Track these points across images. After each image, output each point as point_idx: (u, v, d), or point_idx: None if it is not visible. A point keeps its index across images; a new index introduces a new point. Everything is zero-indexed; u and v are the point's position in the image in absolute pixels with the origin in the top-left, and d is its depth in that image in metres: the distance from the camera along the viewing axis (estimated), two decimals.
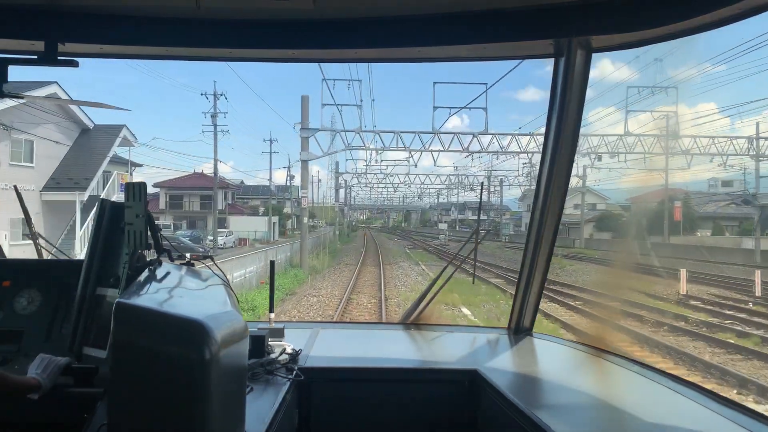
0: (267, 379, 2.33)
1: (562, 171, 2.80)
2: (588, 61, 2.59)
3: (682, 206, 43.92)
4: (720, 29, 2.13)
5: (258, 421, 1.86)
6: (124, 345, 1.38)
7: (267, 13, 2.38)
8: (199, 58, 2.88)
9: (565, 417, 2.08)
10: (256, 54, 2.69)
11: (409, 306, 3.78)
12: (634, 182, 39.22)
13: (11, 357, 2.10)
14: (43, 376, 1.80)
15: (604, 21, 2.28)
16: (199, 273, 1.95)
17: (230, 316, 1.58)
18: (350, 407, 2.61)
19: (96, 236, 2.15)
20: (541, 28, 2.38)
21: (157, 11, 2.37)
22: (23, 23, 2.36)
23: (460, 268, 3.85)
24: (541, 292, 3.19)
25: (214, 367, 1.36)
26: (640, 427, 2.02)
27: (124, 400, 1.39)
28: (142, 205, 1.84)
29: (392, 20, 2.41)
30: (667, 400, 2.26)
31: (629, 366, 2.66)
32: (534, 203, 2.96)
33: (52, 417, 1.89)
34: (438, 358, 2.93)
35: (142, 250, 1.90)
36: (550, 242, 2.99)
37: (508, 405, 2.20)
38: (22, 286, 2.29)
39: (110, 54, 2.69)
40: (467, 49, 2.61)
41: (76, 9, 2.36)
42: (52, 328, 2.21)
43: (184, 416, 1.36)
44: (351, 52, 2.65)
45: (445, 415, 2.62)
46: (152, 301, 1.56)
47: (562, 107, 2.65)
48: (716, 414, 2.04)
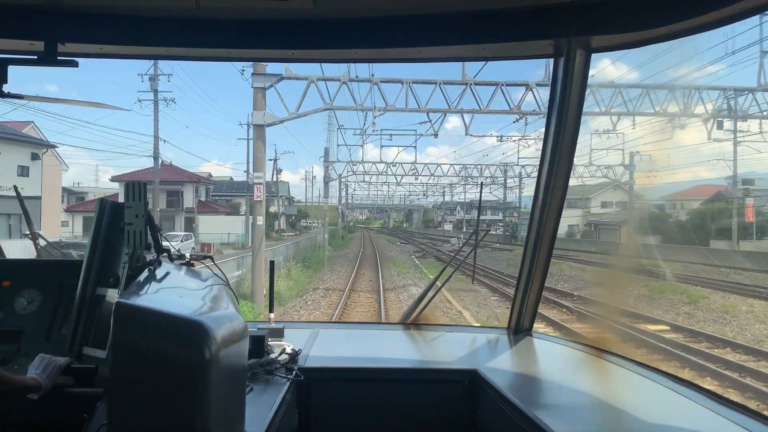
0: (267, 379, 2.33)
1: (562, 171, 2.80)
2: (588, 61, 2.59)
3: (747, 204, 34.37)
4: None
5: (258, 421, 1.86)
6: (124, 345, 1.38)
7: (267, 13, 2.38)
8: (199, 58, 2.89)
9: (565, 417, 2.08)
10: (256, 54, 2.70)
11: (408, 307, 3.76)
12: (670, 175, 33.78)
13: (11, 357, 2.10)
14: (42, 377, 1.80)
15: (604, 21, 2.28)
16: (198, 273, 1.95)
17: (230, 316, 1.58)
18: (350, 407, 2.61)
19: (96, 236, 2.15)
20: (540, 28, 2.38)
21: (157, 11, 2.37)
22: (23, 23, 2.36)
23: (464, 270, 3.84)
24: (541, 292, 3.19)
25: (214, 367, 1.36)
26: (640, 427, 2.02)
27: (124, 400, 1.39)
28: (142, 205, 1.84)
29: (392, 20, 2.41)
30: (667, 400, 2.26)
31: (629, 366, 2.66)
32: (534, 203, 2.96)
33: (52, 417, 1.89)
34: (438, 358, 2.93)
35: (141, 250, 1.90)
36: (550, 242, 2.99)
37: (507, 405, 2.20)
38: (22, 286, 2.29)
39: (110, 54, 2.69)
40: (467, 49, 2.61)
41: (75, 9, 2.35)
42: (51, 328, 2.21)
43: (184, 416, 1.36)
44: (351, 52, 2.65)
45: (445, 415, 2.62)
46: (152, 301, 1.56)
47: (562, 107, 2.65)
48: (716, 414, 2.04)
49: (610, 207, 51.39)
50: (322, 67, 17.80)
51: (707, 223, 37.10)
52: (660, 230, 36.95)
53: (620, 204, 52.06)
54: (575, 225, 56.53)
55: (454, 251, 31.61)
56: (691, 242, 33.67)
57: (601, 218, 48.19)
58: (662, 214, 44.25)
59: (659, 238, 34.08)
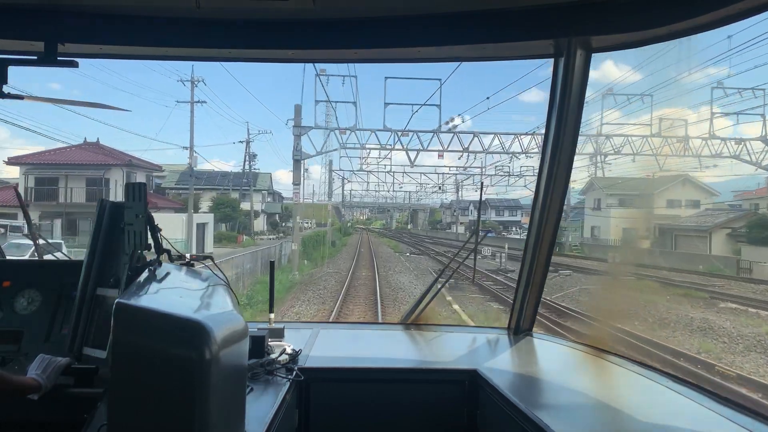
0: (267, 380, 2.33)
1: (562, 171, 2.80)
2: (588, 61, 2.59)
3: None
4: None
5: (258, 421, 1.86)
6: (124, 345, 1.38)
7: (267, 13, 2.38)
8: (199, 58, 2.89)
9: (565, 417, 2.08)
10: (256, 54, 2.69)
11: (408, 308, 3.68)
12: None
13: (11, 357, 2.10)
14: (43, 377, 1.80)
15: (604, 21, 2.28)
16: (198, 273, 1.95)
17: (230, 317, 1.58)
18: (350, 407, 2.61)
19: (96, 236, 2.15)
20: (541, 28, 2.38)
21: (157, 11, 2.37)
22: (23, 23, 2.36)
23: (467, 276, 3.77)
24: (541, 292, 3.19)
25: (214, 368, 1.36)
26: (640, 427, 2.02)
27: (124, 401, 1.39)
28: (142, 205, 1.85)
29: (392, 20, 2.41)
30: (667, 400, 2.26)
31: (629, 366, 2.66)
32: (534, 203, 2.97)
33: (52, 417, 1.89)
34: (438, 359, 2.93)
35: (142, 251, 1.90)
36: (550, 242, 3.00)
37: (507, 405, 2.20)
38: (22, 286, 2.29)
39: (110, 54, 2.69)
40: (467, 49, 2.61)
41: (75, 9, 2.35)
42: (52, 329, 2.21)
43: (184, 416, 1.36)
44: (351, 52, 2.65)
45: (445, 415, 2.62)
46: (152, 301, 1.56)
47: (562, 107, 2.65)
48: (716, 414, 2.04)
49: (679, 206, 37.71)
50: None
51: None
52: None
53: (691, 203, 39.33)
54: (634, 229, 39.42)
55: (501, 269, 23.85)
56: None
57: (678, 222, 35.26)
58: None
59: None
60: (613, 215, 38.05)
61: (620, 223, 35.37)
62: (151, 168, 40.60)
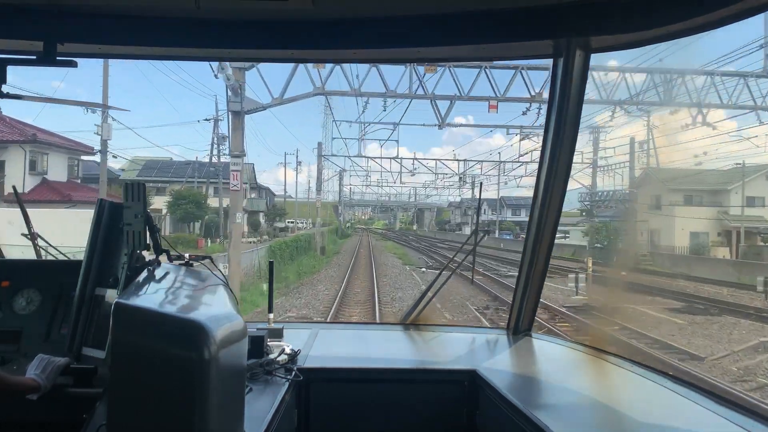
0: (266, 380, 2.33)
1: (562, 171, 2.81)
2: (587, 61, 2.59)
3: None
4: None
5: (257, 421, 1.86)
6: (123, 345, 1.38)
7: (266, 13, 2.38)
8: (199, 58, 2.89)
9: (564, 417, 2.08)
10: (256, 54, 2.70)
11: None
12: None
13: (10, 357, 2.10)
14: (42, 377, 1.80)
15: (603, 21, 2.28)
16: (197, 273, 1.95)
17: (229, 317, 1.58)
18: (349, 407, 2.61)
19: (95, 236, 2.15)
20: (540, 28, 2.38)
21: (156, 11, 2.37)
22: (22, 23, 2.35)
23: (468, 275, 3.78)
24: (540, 293, 3.19)
25: (213, 368, 1.36)
26: (640, 427, 2.02)
27: (124, 401, 1.39)
28: (141, 205, 1.85)
29: (392, 20, 2.41)
30: (667, 400, 2.26)
31: (628, 366, 2.66)
32: (533, 203, 2.97)
33: (52, 417, 1.89)
34: (437, 359, 2.93)
35: (140, 251, 1.90)
36: (549, 242, 2.99)
37: (507, 405, 2.20)
38: (21, 286, 2.29)
39: (110, 54, 2.69)
40: (467, 49, 2.61)
41: (75, 9, 2.35)
42: (51, 329, 2.21)
43: (183, 416, 1.36)
44: (350, 52, 2.65)
45: (444, 415, 2.62)
46: (151, 301, 1.56)
47: (562, 107, 2.65)
48: (716, 414, 2.04)
49: (762, 204, 31.02)
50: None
51: None
52: None
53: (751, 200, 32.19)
54: (705, 233, 32.87)
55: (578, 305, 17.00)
56: None
57: (759, 224, 28.02)
58: None
59: None
60: (679, 215, 31.36)
61: (687, 225, 29.51)
62: (75, 149, 30.34)
